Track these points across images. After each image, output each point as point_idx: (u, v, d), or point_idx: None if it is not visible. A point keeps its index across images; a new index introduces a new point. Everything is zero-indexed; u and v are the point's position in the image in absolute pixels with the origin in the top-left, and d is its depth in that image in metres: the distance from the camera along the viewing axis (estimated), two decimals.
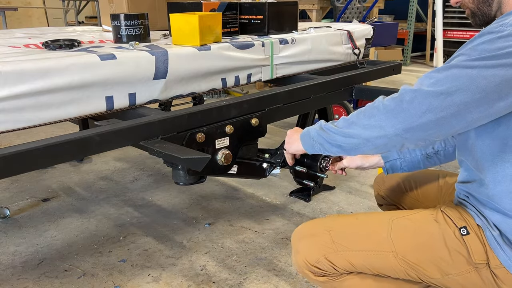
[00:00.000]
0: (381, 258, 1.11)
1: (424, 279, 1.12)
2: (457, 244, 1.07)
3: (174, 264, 1.82)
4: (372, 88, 2.16)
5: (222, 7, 1.98)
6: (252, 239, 1.99)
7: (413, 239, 1.11)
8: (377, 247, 1.12)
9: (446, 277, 1.09)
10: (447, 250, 1.07)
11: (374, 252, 1.12)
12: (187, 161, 1.30)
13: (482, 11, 1.07)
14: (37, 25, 6.82)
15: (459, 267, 1.07)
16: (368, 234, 1.16)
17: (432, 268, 1.09)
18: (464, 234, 1.07)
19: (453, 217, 1.11)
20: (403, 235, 1.12)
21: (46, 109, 1.32)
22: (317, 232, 1.19)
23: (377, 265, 1.13)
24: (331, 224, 1.21)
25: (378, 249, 1.12)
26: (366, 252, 1.13)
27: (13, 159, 1.13)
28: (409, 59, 7.05)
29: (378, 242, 1.13)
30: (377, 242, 1.13)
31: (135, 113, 1.54)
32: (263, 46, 1.89)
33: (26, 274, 1.76)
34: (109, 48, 1.64)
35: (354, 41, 2.28)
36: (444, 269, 1.08)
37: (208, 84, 1.75)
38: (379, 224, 1.17)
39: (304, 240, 1.19)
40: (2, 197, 2.45)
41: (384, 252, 1.11)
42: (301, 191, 2.39)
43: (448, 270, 1.08)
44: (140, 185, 2.59)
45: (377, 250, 1.12)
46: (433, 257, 1.08)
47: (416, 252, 1.10)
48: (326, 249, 1.14)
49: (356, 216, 1.27)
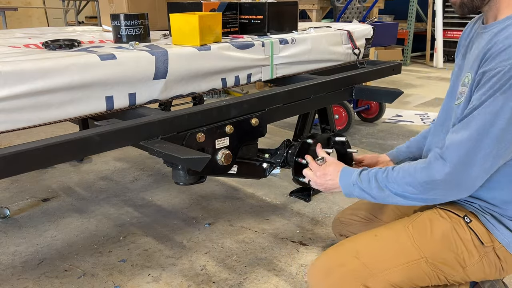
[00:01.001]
0: (416, 267, 1.10)
1: (450, 278, 1.12)
2: (467, 232, 1.09)
3: (174, 264, 1.82)
4: (372, 88, 2.16)
5: (222, 7, 1.98)
6: (252, 239, 1.99)
7: (434, 240, 1.11)
8: (409, 258, 1.11)
9: (465, 269, 1.10)
10: (461, 241, 1.09)
11: (407, 264, 1.10)
12: (187, 161, 1.30)
13: (474, 3, 1.07)
14: (37, 25, 6.82)
15: (474, 256, 1.09)
16: (394, 248, 1.13)
17: (455, 263, 1.10)
18: (468, 222, 1.10)
19: (452, 209, 1.13)
20: (424, 239, 1.12)
21: (46, 109, 1.32)
22: (345, 261, 1.12)
23: (414, 276, 1.11)
24: (355, 248, 1.15)
25: (410, 259, 1.11)
26: (400, 266, 1.10)
27: (13, 159, 1.13)
28: (409, 59, 7.04)
29: (407, 253, 1.11)
30: (406, 253, 1.11)
31: (135, 113, 1.54)
32: (263, 46, 1.89)
33: (26, 274, 1.76)
34: (109, 48, 1.64)
35: (354, 41, 2.27)
36: (462, 262, 1.10)
37: (208, 84, 1.75)
38: (398, 235, 1.15)
39: (333, 274, 1.11)
40: (2, 197, 2.45)
41: (416, 261, 1.10)
42: (301, 191, 2.39)
43: (466, 261, 1.09)
44: (140, 185, 2.59)
45: (410, 261, 1.10)
46: (454, 252, 1.10)
47: (441, 251, 1.10)
48: (362, 275, 1.09)
49: (374, 232, 1.20)
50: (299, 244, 1.95)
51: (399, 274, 1.10)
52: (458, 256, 1.09)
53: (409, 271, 1.10)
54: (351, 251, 1.14)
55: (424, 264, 1.10)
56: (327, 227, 2.07)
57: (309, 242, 1.96)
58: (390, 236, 1.16)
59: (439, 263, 1.10)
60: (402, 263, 1.10)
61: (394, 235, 1.16)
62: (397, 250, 1.13)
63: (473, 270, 1.10)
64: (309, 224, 2.11)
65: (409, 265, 1.10)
